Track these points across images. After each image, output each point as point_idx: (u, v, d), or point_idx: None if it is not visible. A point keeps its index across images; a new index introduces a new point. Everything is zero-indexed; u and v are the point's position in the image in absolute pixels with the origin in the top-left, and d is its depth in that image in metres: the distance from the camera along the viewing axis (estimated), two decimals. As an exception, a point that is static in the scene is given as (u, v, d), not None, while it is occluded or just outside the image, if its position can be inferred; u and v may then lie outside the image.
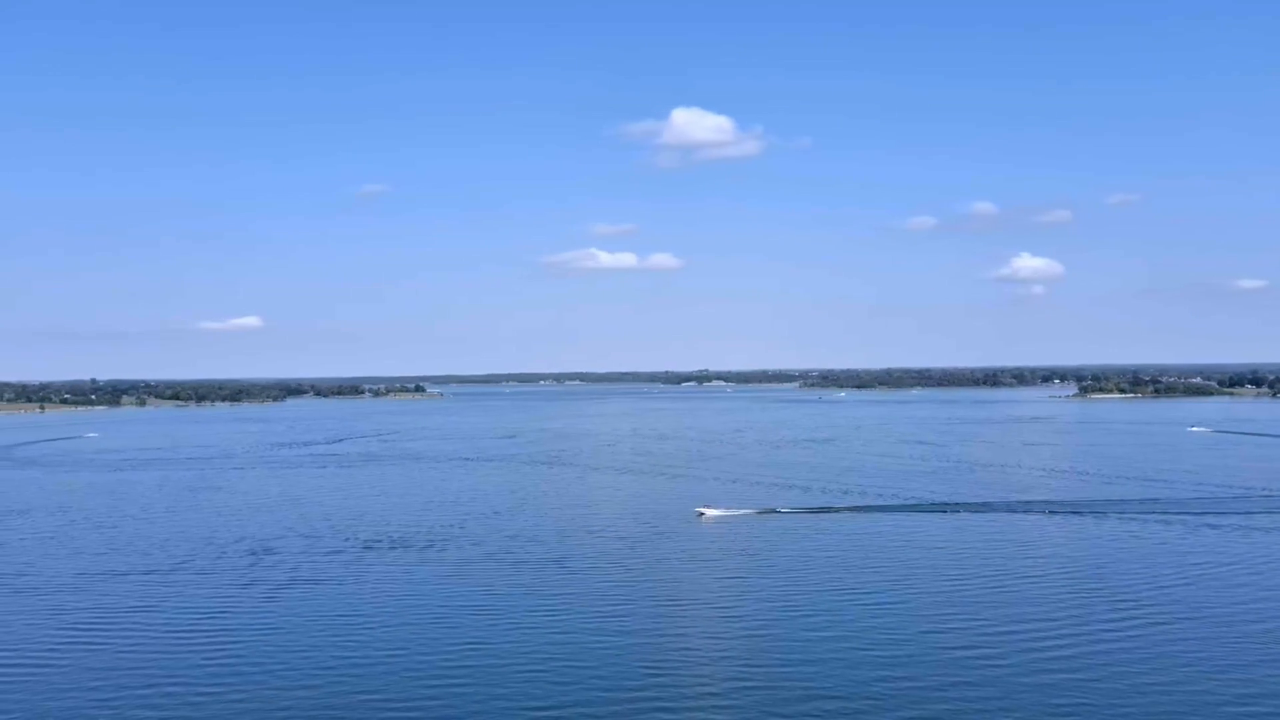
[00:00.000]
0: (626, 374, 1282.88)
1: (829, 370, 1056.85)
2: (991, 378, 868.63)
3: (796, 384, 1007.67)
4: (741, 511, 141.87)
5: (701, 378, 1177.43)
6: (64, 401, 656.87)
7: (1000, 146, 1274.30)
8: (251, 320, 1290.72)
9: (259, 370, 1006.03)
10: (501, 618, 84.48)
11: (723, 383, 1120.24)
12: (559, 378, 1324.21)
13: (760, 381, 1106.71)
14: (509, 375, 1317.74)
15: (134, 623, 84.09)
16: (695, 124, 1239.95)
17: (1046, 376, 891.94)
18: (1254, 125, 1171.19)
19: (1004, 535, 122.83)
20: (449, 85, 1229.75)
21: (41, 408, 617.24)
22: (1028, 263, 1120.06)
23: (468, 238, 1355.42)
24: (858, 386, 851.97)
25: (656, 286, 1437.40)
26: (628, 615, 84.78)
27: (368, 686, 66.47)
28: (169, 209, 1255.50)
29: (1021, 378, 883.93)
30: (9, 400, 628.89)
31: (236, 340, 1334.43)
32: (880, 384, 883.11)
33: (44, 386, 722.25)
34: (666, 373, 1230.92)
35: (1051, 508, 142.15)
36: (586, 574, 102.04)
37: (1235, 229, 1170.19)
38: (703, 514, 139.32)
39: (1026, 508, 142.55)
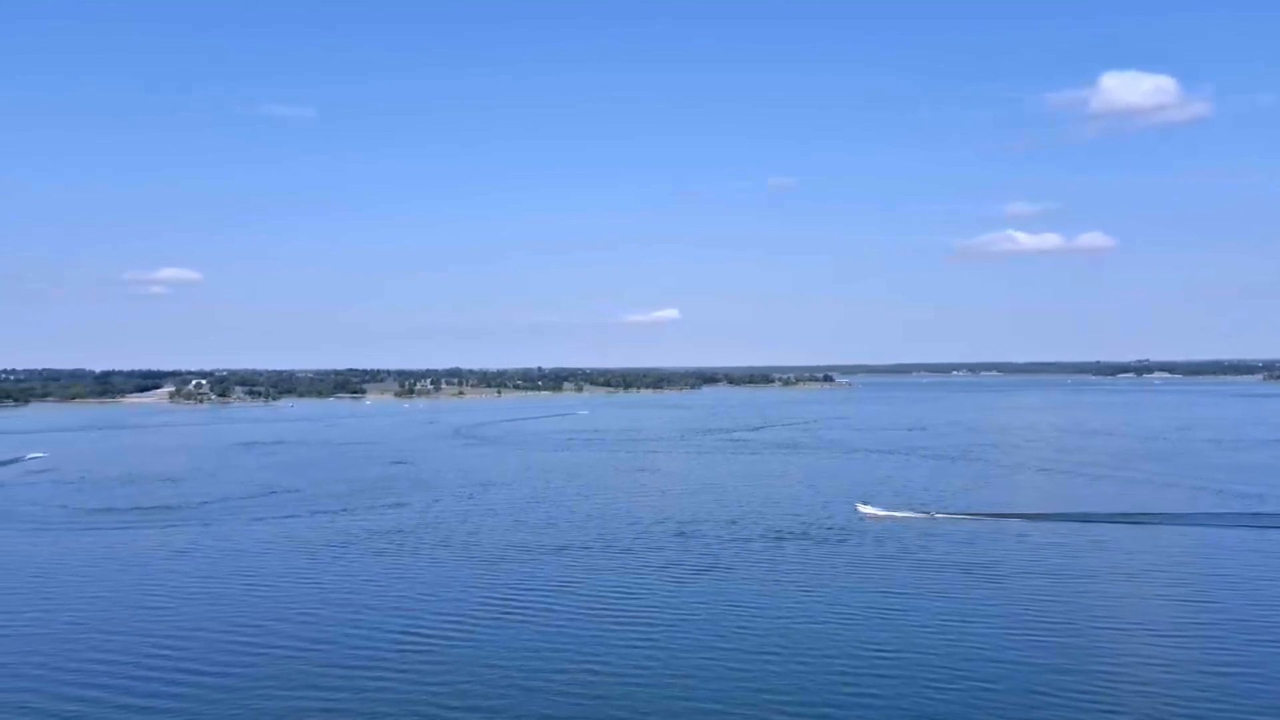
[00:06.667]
0: (1050, 364, 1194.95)
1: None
2: None
3: (1259, 376, 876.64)
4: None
5: (1140, 369, 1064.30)
6: (516, 387, 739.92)
7: None
8: (670, 313, 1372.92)
9: (676, 359, 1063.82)
10: (902, 621, 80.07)
11: (1166, 374, 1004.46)
12: (973, 368, 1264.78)
13: (1212, 374, 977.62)
14: (919, 365, 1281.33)
15: (552, 597, 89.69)
16: (1129, 88, 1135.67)
17: None
18: None
19: None
20: (845, 81, 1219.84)
21: (498, 392, 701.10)
22: None
23: (876, 225, 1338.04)
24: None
25: (1085, 269, 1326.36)
26: (1048, 629, 76.62)
27: (758, 680, 65.48)
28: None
29: None
30: (473, 385, 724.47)
31: (657, 331, 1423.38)
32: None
33: (500, 373, 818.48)
34: (1097, 363, 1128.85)
35: None
36: (1003, 581, 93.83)
37: None
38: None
39: None
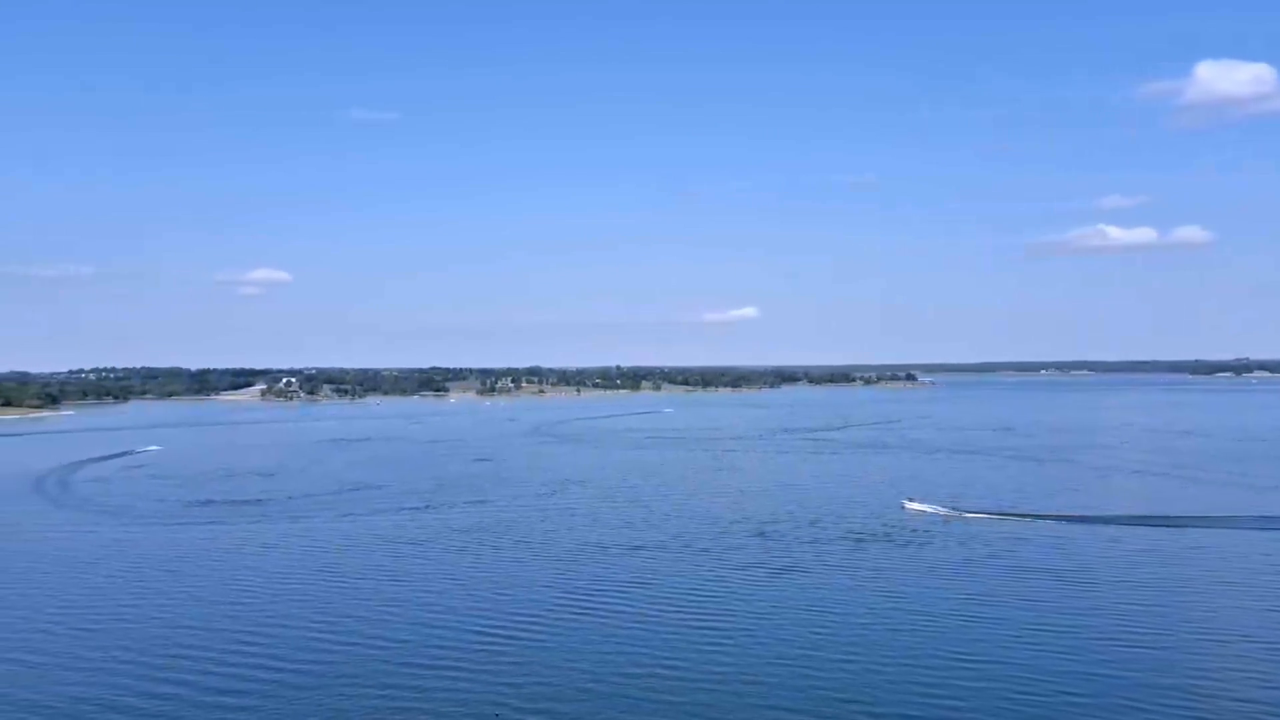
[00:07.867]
0: (1143, 363, 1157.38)
1: None
2: None
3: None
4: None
5: (1238, 368, 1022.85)
6: (595, 386, 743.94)
7: None
8: (749, 311, 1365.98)
9: (754, 358, 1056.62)
10: (985, 628, 77.73)
11: (1265, 373, 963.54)
12: (1062, 367, 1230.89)
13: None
14: (1005, 364, 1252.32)
15: (627, 598, 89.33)
16: (1225, 77, 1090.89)
17: None
18: None
19: None
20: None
21: (578, 391, 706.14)
22: None
23: (962, 219, 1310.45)
24: None
25: (1182, 264, 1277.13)
26: (1140, 639, 73.67)
27: (834, 686, 64.12)
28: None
29: None
30: (553, 384, 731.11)
31: (736, 329, 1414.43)
32: None
33: (580, 372, 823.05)
34: (1195, 362, 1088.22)
35: None
36: (1092, 587, 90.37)
37: None
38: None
39: None
